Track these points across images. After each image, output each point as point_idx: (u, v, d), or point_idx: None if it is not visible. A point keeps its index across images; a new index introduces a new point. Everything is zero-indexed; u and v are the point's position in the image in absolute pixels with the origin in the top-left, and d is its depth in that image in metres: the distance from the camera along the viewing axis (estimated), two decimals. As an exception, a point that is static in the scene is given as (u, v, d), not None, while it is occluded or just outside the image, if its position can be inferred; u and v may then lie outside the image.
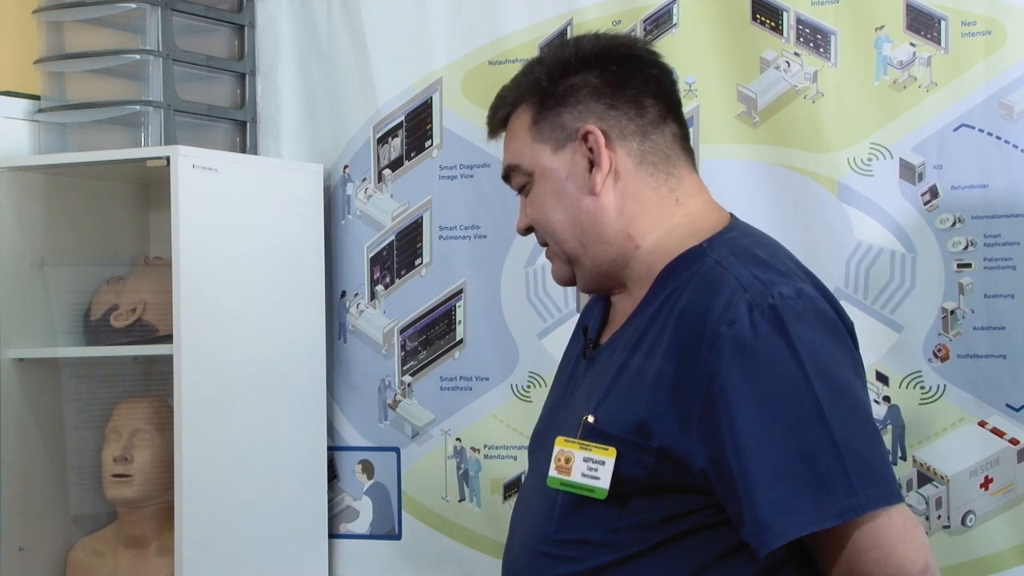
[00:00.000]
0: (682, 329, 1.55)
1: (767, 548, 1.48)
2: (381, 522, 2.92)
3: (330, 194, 2.96)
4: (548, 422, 1.77)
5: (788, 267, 1.63)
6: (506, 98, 1.72)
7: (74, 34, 2.85)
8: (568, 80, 1.67)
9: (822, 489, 1.48)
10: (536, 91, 1.68)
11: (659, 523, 1.56)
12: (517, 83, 1.72)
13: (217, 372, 2.62)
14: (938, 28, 2.50)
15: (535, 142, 1.67)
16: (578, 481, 1.58)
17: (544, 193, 1.68)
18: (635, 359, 1.60)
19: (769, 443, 1.49)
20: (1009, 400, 2.45)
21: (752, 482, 1.48)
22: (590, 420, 1.60)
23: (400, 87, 2.90)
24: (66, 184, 2.85)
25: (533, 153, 1.67)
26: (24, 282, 2.77)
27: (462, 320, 2.85)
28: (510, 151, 1.70)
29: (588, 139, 1.64)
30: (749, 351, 1.50)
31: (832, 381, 1.52)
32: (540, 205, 1.69)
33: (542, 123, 1.67)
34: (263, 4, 3.01)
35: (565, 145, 1.66)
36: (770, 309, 1.52)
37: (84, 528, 2.86)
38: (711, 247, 1.62)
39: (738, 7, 2.62)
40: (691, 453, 1.52)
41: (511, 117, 1.71)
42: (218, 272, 2.64)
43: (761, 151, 2.57)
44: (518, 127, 1.69)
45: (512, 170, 1.71)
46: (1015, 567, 2.44)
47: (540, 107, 1.67)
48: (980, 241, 2.48)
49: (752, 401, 1.50)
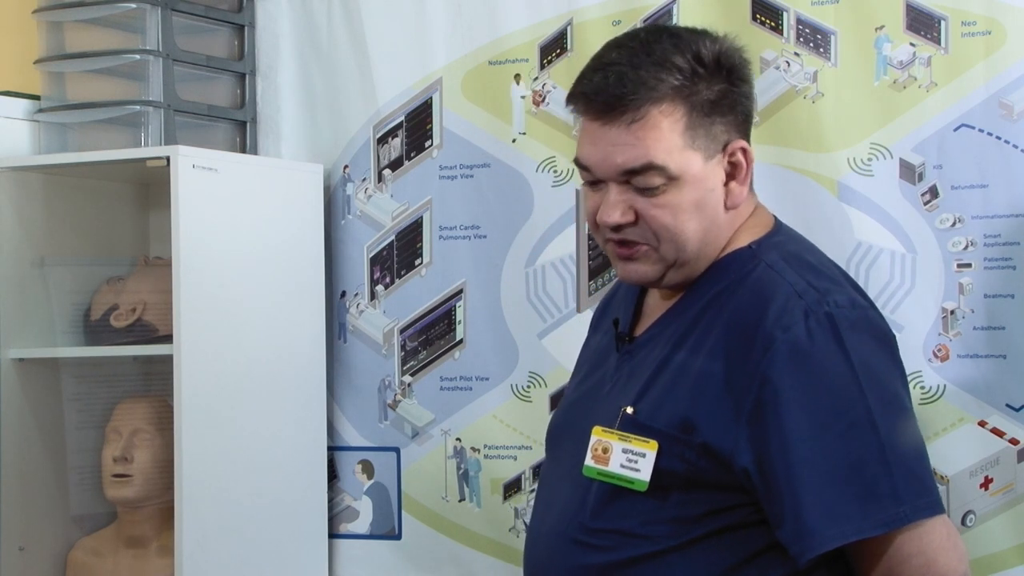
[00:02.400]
0: (732, 330, 1.57)
1: (812, 553, 1.50)
2: (381, 522, 2.92)
3: (330, 194, 2.96)
4: (575, 411, 1.76)
5: (837, 276, 1.65)
6: (649, 82, 1.59)
7: (74, 34, 2.85)
8: (719, 85, 1.62)
9: (870, 497, 1.49)
10: (693, 91, 1.60)
11: (697, 518, 1.57)
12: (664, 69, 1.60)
13: (217, 372, 2.62)
14: (938, 28, 2.50)
15: (686, 148, 1.60)
16: (617, 472, 1.59)
17: (685, 200, 1.61)
18: (679, 355, 1.60)
19: (819, 449, 1.50)
20: (1009, 400, 2.45)
21: (799, 487, 1.50)
22: (629, 411, 1.61)
23: (400, 87, 2.90)
24: (66, 184, 2.85)
25: (684, 158, 1.60)
26: (24, 282, 2.77)
27: (462, 320, 2.85)
28: (656, 149, 1.59)
29: (736, 154, 1.63)
30: (804, 357, 1.52)
31: (883, 391, 1.54)
32: (676, 211, 1.61)
33: (698, 130, 1.60)
34: (263, 4, 3.01)
35: (713, 156, 1.62)
36: (826, 317, 1.54)
37: (84, 528, 2.86)
38: (761, 250, 1.64)
39: (738, 7, 2.62)
40: (736, 452, 1.53)
41: (656, 108, 1.59)
42: (218, 272, 2.64)
43: (761, 151, 2.56)
44: (667, 126, 1.59)
45: (651, 168, 1.59)
46: (1015, 567, 2.44)
47: (696, 111, 1.60)
48: (980, 241, 2.48)
49: (804, 406, 1.51)
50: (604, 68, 1.61)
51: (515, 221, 2.80)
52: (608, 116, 1.60)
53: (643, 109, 1.58)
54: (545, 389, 2.76)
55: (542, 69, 2.78)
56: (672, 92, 1.59)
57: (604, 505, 1.61)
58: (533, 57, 2.78)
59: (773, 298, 1.56)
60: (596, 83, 1.60)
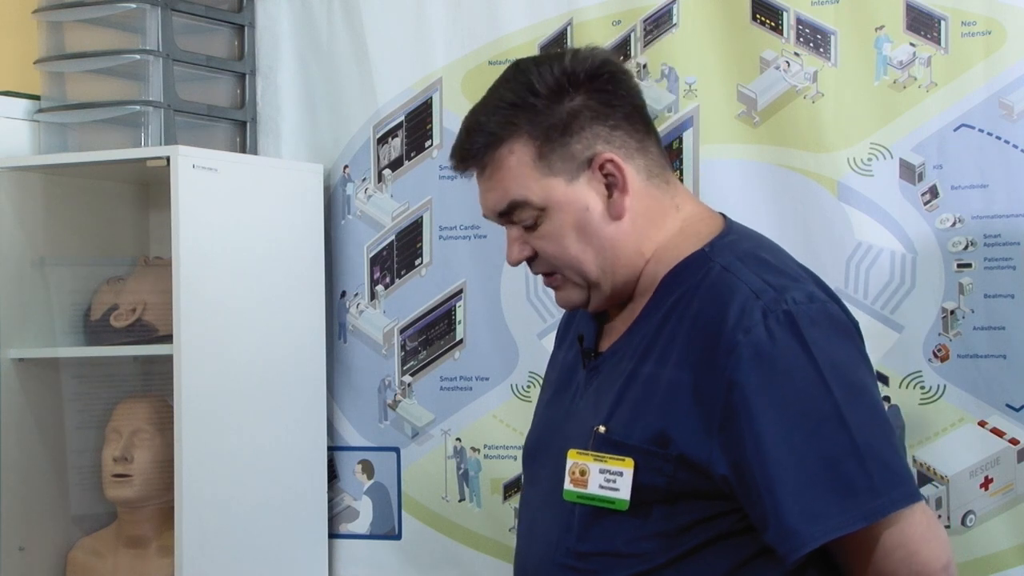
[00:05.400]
0: (695, 337, 1.56)
1: (796, 554, 1.49)
2: (381, 522, 2.92)
3: (330, 194, 2.96)
4: (547, 431, 1.75)
5: (794, 270, 1.63)
6: (488, 128, 1.63)
7: (74, 34, 2.85)
8: (564, 105, 1.61)
9: (846, 493, 1.49)
10: (533, 120, 1.61)
11: (683, 530, 1.56)
12: (499, 111, 1.63)
13: (217, 372, 2.62)
14: (938, 28, 2.50)
15: (544, 176, 1.61)
16: (597, 493, 1.58)
17: (562, 226, 1.62)
18: (645, 367, 1.59)
19: (791, 449, 1.50)
20: (1009, 400, 2.45)
21: (777, 489, 1.49)
22: (601, 431, 1.60)
23: (400, 87, 2.90)
24: (66, 184, 2.85)
25: (544, 187, 1.61)
26: (24, 282, 2.77)
27: (462, 320, 2.85)
28: (512, 186, 1.62)
29: (606, 166, 1.61)
30: (767, 358, 1.51)
31: (849, 384, 1.53)
32: (558, 238, 1.63)
33: (550, 156, 1.61)
34: (263, 4, 3.01)
35: (578, 175, 1.61)
36: (784, 315, 1.53)
37: (84, 528, 2.86)
38: (714, 251, 1.62)
39: (738, 7, 2.62)
40: (712, 461, 1.53)
41: (500, 150, 1.62)
42: (218, 272, 2.64)
43: (761, 151, 2.57)
44: (516, 161, 1.61)
45: (518, 206, 1.63)
46: (1015, 567, 2.44)
47: (544, 139, 1.61)
48: (980, 241, 2.48)
49: (772, 408, 1.51)
50: (464, 125, 1.67)
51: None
52: (471, 169, 1.67)
53: (490, 154, 1.63)
54: (545, 389, 2.76)
55: (542, 69, 2.77)
56: (511, 129, 1.61)
57: (588, 527, 1.60)
58: (533, 57, 2.78)
59: (731, 301, 1.55)
60: (457, 142, 1.68)
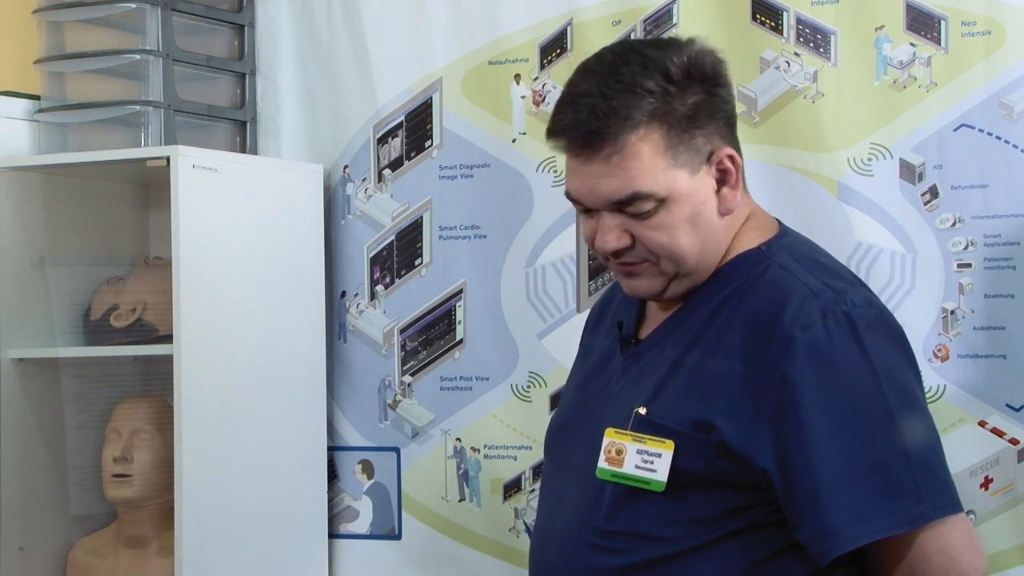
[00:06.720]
0: (750, 330, 1.57)
1: (835, 553, 1.50)
2: (381, 522, 2.92)
3: (330, 194, 2.96)
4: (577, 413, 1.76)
5: (850, 275, 1.66)
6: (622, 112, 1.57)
7: (74, 34, 2.85)
8: (693, 97, 1.59)
9: (892, 496, 1.50)
10: (665, 108, 1.58)
11: (715, 518, 1.57)
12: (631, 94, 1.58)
13: (217, 372, 2.62)
14: (938, 28, 2.50)
15: (670, 168, 1.58)
16: (632, 473, 1.59)
17: (679, 218, 1.60)
18: (692, 355, 1.61)
19: (840, 449, 1.51)
20: (1009, 400, 2.45)
21: (822, 487, 1.50)
22: (642, 412, 1.60)
23: (400, 87, 2.90)
24: (66, 184, 2.85)
25: (669, 179, 1.58)
26: (24, 282, 2.77)
27: (462, 320, 2.85)
28: (639, 176, 1.58)
29: (724, 162, 1.61)
30: (824, 356, 1.53)
31: (902, 390, 1.55)
32: (670, 229, 1.60)
33: (679, 147, 1.58)
34: (263, 4, 3.01)
35: (699, 168, 1.60)
36: (844, 316, 1.54)
37: (84, 528, 2.86)
38: (771, 250, 1.64)
39: (738, 7, 2.62)
40: (755, 452, 1.53)
41: (631, 136, 1.57)
42: (218, 272, 2.64)
43: (761, 151, 2.57)
44: (647, 151, 1.57)
45: (637, 197, 1.58)
46: (1015, 567, 2.44)
47: (674, 129, 1.58)
48: (980, 241, 2.48)
49: (824, 405, 1.52)
50: (576, 101, 1.59)
51: (515, 221, 2.80)
52: (587, 151, 1.59)
53: (620, 140, 1.57)
54: (545, 389, 2.76)
55: (542, 69, 2.78)
56: (647, 116, 1.57)
57: (619, 507, 1.61)
58: (533, 57, 2.79)
59: (789, 297, 1.56)
60: (571, 118, 1.59)
